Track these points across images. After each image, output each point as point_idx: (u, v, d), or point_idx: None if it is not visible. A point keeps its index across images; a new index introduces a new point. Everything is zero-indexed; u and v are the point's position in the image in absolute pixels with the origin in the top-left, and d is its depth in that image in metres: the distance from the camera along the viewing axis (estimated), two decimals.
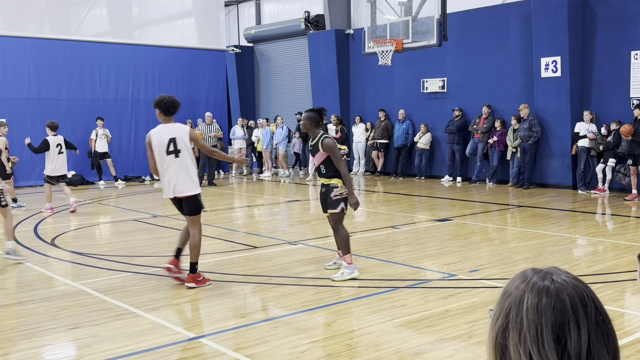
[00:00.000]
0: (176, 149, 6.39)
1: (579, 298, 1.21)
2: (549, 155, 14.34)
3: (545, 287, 1.23)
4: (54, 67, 17.00)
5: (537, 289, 1.24)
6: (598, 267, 7.13)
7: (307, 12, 19.30)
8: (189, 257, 6.48)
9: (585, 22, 13.73)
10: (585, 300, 1.21)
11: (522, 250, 8.05)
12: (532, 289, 1.24)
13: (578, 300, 1.21)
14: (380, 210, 11.82)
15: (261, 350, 4.68)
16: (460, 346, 4.72)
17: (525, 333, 1.21)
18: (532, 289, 1.24)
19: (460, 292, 6.14)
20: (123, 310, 5.72)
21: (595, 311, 1.21)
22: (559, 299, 1.21)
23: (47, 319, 5.52)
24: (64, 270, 7.38)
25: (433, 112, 16.61)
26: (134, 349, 4.74)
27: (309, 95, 19.98)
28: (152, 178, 18.17)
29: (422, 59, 16.28)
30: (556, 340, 1.19)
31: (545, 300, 1.21)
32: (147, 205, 13.19)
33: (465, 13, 15.66)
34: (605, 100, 13.52)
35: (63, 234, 9.68)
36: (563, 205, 11.97)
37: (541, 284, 1.24)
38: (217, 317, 5.50)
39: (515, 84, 15.00)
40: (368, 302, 5.88)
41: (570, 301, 1.21)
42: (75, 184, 16.83)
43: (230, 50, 21.12)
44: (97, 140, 16.87)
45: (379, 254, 7.97)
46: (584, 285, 1.25)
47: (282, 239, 9.05)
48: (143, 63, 18.57)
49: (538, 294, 1.23)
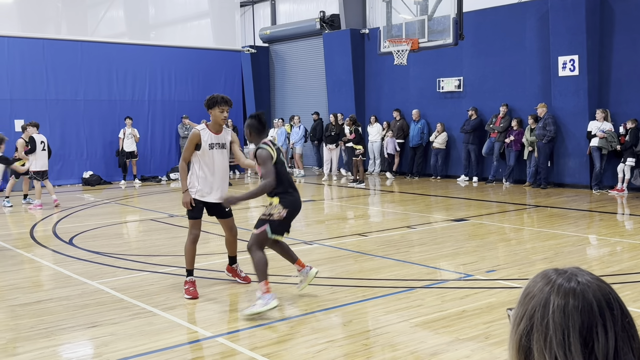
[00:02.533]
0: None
1: (605, 300, 1.19)
2: (565, 154, 14.22)
3: (572, 288, 1.20)
4: (72, 68, 17.16)
5: (564, 291, 1.21)
6: (616, 267, 7.06)
7: (323, 12, 19.30)
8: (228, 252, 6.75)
9: (603, 20, 13.59)
10: (611, 302, 1.19)
11: (540, 251, 7.99)
12: (558, 291, 1.21)
13: (604, 302, 1.18)
14: (396, 210, 11.79)
15: (277, 349, 4.69)
16: (477, 347, 4.69)
17: (551, 336, 1.18)
18: (559, 291, 1.21)
19: (477, 293, 6.11)
20: (140, 309, 5.76)
21: (621, 313, 1.19)
22: (586, 300, 1.18)
23: (65, 317, 5.57)
24: (82, 269, 7.44)
25: (449, 111, 16.53)
26: (151, 347, 4.77)
27: (324, 95, 19.98)
28: (169, 178, 18.28)
29: (438, 58, 16.21)
30: (583, 343, 1.16)
31: (572, 302, 1.18)
32: (163, 205, 13.27)
33: (482, 12, 15.57)
34: (624, 99, 13.38)
35: (81, 234, 9.77)
36: (581, 205, 11.86)
37: (567, 285, 1.21)
38: (234, 316, 5.52)
39: (532, 83, 14.88)
40: (384, 302, 5.87)
41: (597, 303, 1.18)
42: (93, 184, 16.98)
43: (245, 51, 21.19)
44: (125, 140, 17.02)
45: (394, 254, 7.95)
46: (609, 286, 1.23)
47: (298, 239, 9.06)
48: (159, 64, 18.69)
49: (565, 296, 1.20)
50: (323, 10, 19.36)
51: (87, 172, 17.28)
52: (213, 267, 7.31)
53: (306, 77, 21.02)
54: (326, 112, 19.58)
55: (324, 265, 7.42)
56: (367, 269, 7.26)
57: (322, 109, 19.87)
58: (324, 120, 19.34)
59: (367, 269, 7.26)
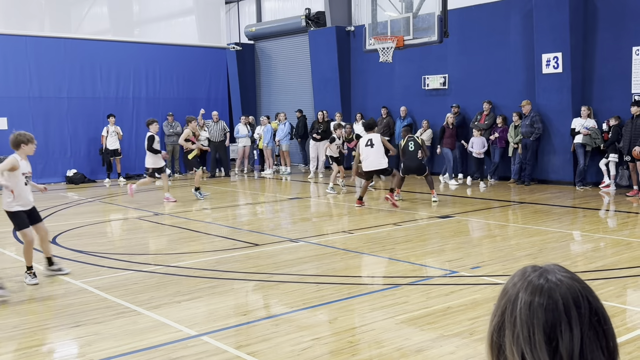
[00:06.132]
0: (371, 143, 11.32)
1: (572, 298, 1.19)
2: (550, 151, 14.32)
3: (540, 285, 1.21)
4: (55, 65, 17.00)
5: (532, 288, 1.22)
6: (599, 263, 7.12)
7: (308, 9, 19.27)
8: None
9: (587, 17, 13.69)
10: (579, 301, 1.19)
11: (524, 247, 8.04)
12: (526, 288, 1.22)
13: (572, 300, 1.19)
14: (382, 207, 11.81)
15: (263, 347, 4.68)
16: (462, 343, 4.71)
17: (518, 332, 1.19)
18: (527, 288, 1.22)
19: (462, 289, 6.14)
20: (124, 308, 5.73)
21: (589, 311, 1.19)
22: (551, 298, 1.19)
23: (49, 317, 5.53)
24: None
25: (434, 108, 16.58)
26: (136, 346, 4.74)
27: (310, 92, 19.97)
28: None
29: (423, 55, 16.26)
30: (547, 341, 1.17)
31: (538, 299, 1.19)
32: (148, 203, 13.20)
33: (466, 9, 15.63)
34: (607, 96, 13.49)
35: (65, 232, 9.69)
36: (564, 201, 11.96)
37: (536, 282, 1.22)
38: (219, 315, 5.51)
39: (516, 81, 14.97)
40: (370, 299, 5.88)
41: (563, 301, 1.19)
42: (77, 182, 16.84)
43: (231, 48, 21.11)
44: (108, 137, 16.88)
45: (380, 251, 7.96)
46: (581, 285, 1.23)
47: (283, 237, 9.05)
48: (144, 61, 18.56)
49: (532, 293, 1.21)
50: (308, 8, 19.33)
51: (71, 171, 17.13)
52: (197, 266, 7.29)
53: (292, 74, 20.99)
54: (312, 110, 19.57)
55: (310, 263, 7.42)
56: (353, 266, 7.27)
57: (308, 107, 19.86)
58: (308, 117, 19.34)
59: (353, 266, 7.27)
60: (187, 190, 15.66)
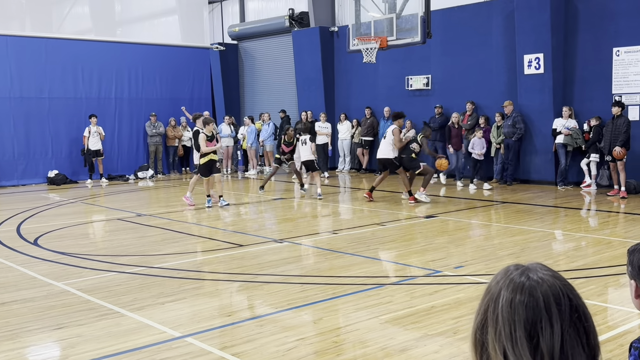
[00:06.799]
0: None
1: (553, 295, 1.21)
2: (532, 151, 14.45)
3: (521, 283, 1.24)
4: (36, 66, 16.83)
5: (513, 286, 1.24)
6: (581, 262, 7.20)
7: (292, 9, 19.25)
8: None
9: (568, 19, 13.83)
10: (559, 298, 1.21)
11: (507, 246, 8.11)
12: (508, 286, 1.24)
13: (552, 297, 1.21)
14: (366, 207, 11.84)
15: (247, 348, 4.68)
16: (446, 342, 4.74)
17: (500, 329, 1.21)
18: (509, 286, 1.24)
19: (446, 289, 6.17)
20: (107, 310, 5.69)
21: (570, 309, 1.21)
22: (532, 296, 1.21)
23: (30, 319, 5.47)
24: (48, 270, 7.31)
25: (417, 109, 16.63)
26: (119, 348, 4.71)
27: (294, 93, 19.96)
28: (137, 177, 18.06)
29: (407, 56, 16.32)
30: (528, 337, 1.19)
31: (519, 297, 1.22)
32: (131, 204, 13.11)
33: (449, 10, 15.71)
34: (587, 97, 13.64)
35: (46, 234, 9.60)
36: (546, 201, 12.07)
37: (518, 280, 1.25)
38: (203, 316, 5.49)
39: (498, 81, 15.08)
40: (354, 299, 5.89)
41: (544, 299, 1.21)
42: (58, 183, 16.68)
43: (214, 48, 21.03)
44: (90, 138, 16.74)
45: (364, 251, 7.98)
46: (562, 283, 1.25)
47: (268, 237, 9.04)
48: (126, 61, 18.43)
49: (513, 291, 1.23)
50: (292, 8, 19.31)
51: (53, 171, 16.96)
52: (181, 267, 7.25)
53: (276, 74, 20.95)
54: (296, 110, 19.55)
55: (295, 264, 7.42)
56: (337, 266, 7.28)
57: (291, 107, 19.84)
58: (292, 117, 19.32)
59: (338, 266, 7.28)
60: (170, 192, 15.59)
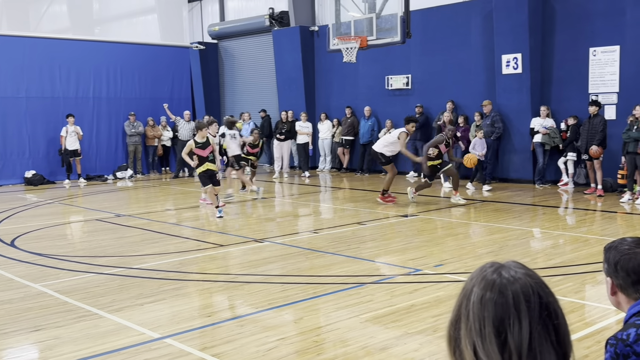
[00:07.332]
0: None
1: (523, 293, 1.23)
2: (510, 150, 14.58)
3: (492, 281, 1.26)
4: (13, 65, 16.59)
5: (484, 283, 1.26)
6: (558, 259, 7.28)
7: (272, 8, 19.22)
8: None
9: (545, 19, 13.98)
10: (529, 295, 1.23)
11: (485, 245, 8.18)
12: (480, 283, 1.27)
13: (522, 295, 1.23)
14: (347, 206, 11.86)
15: (227, 349, 4.66)
16: (426, 340, 4.77)
17: (471, 325, 1.23)
18: (481, 283, 1.27)
19: (426, 287, 6.21)
20: (85, 311, 5.63)
21: (539, 306, 1.23)
22: (501, 294, 1.23)
23: (7, 321, 5.40)
24: (25, 271, 7.22)
25: (398, 108, 16.71)
26: (98, 350, 4.67)
27: (275, 92, 19.93)
28: (115, 177, 17.90)
29: (387, 56, 16.38)
30: (497, 334, 1.21)
31: (489, 294, 1.24)
32: (110, 204, 12.99)
33: (428, 10, 15.80)
34: (565, 96, 13.80)
35: (23, 235, 9.48)
36: (524, 199, 12.19)
37: (490, 278, 1.27)
38: (183, 317, 5.46)
39: (477, 81, 15.20)
40: (335, 299, 5.90)
41: (514, 296, 1.23)
42: (36, 183, 16.47)
43: (194, 47, 20.92)
44: (68, 138, 16.54)
45: (345, 250, 8.00)
46: (534, 280, 1.27)
47: (248, 237, 9.02)
48: (105, 60, 18.25)
49: (484, 288, 1.25)
50: (272, 7, 19.27)
51: (30, 172, 16.74)
52: (161, 268, 7.21)
53: (256, 74, 20.90)
54: (277, 110, 19.52)
55: (275, 263, 7.41)
56: (318, 265, 7.29)
57: (272, 106, 19.80)
58: (272, 117, 19.29)
59: (318, 265, 7.29)
60: (149, 192, 15.49)
